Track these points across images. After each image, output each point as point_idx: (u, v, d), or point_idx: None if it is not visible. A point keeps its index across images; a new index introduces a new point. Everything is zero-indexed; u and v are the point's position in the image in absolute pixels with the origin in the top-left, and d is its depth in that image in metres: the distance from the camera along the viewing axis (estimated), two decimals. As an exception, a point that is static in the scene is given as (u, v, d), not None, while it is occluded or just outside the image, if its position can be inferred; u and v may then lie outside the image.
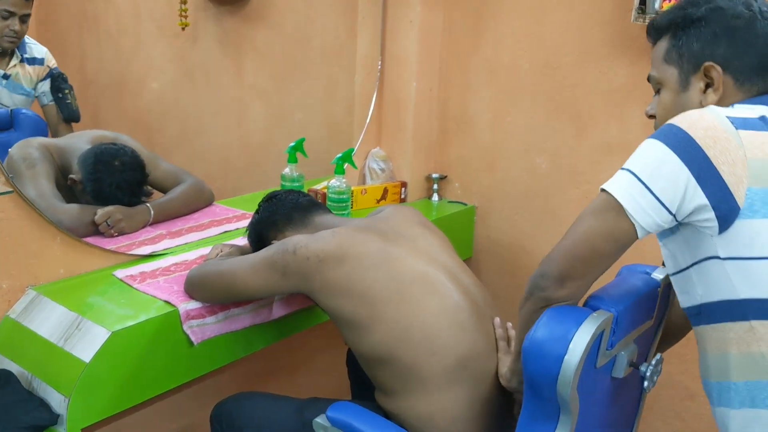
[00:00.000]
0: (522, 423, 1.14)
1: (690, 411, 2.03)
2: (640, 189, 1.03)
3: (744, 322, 1.04)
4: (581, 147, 2.08)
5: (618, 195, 1.04)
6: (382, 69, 2.29)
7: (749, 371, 1.04)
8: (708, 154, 1.00)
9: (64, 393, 1.31)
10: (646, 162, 1.04)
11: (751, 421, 1.06)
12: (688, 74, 1.13)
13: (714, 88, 1.11)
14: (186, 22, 2.78)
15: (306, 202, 1.65)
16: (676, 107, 1.14)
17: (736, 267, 1.03)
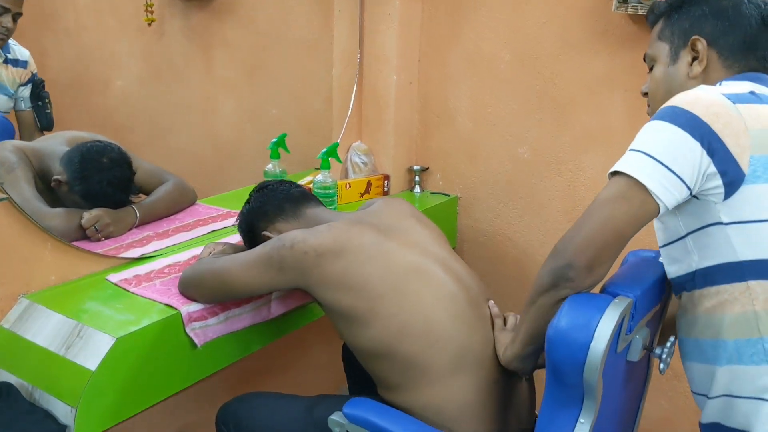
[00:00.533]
0: (545, 410, 1.15)
1: (676, 390, 2.09)
2: (662, 169, 1.06)
3: (741, 282, 1.10)
4: (563, 136, 2.11)
5: (642, 177, 1.06)
6: (361, 62, 2.28)
7: (741, 330, 1.11)
8: (714, 129, 1.07)
9: (70, 403, 1.28)
10: (661, 143, 1.08)
11: (738, 376, 1.12)
12: (678, 49, 1.24)
13: (699, 60, 1.21)
14: (152, 17, 2.71)
15: (298, 193, 1.64)
16: (666, 79, 1.25)
17: (738, 230, 1.09)
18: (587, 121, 2.06)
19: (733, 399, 1.14)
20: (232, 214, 2.07)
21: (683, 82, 1.22)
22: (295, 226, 1.54)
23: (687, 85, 1.21)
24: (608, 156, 2.03)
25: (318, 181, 2.05)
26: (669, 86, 1.24)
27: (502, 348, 1.36)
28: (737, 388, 1.13)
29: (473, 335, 1.38)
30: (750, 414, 1.11)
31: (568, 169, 2.12)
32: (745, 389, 1.12)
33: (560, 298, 1.12)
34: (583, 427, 1.12)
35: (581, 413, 1.12)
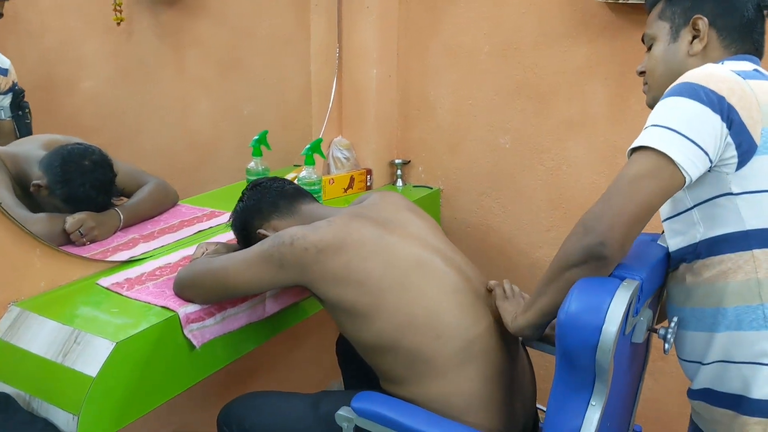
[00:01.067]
0: (556, 395, 1.16)
1: (662, 371, 2.13)
2: (687, 143, 1.08)
3: (746, 251, 1.14)
4: (544, 125, 2.13)
5: (670, 152, 1.07)
6: (340, 57, 2.27)
7: (743, 297, 1.15)
8: (730, 102, 1.10)
9: (72, 411, 1.25)
10: (683, 117, 1.10)
11: (735, 342, 1.16)
12: (678, 27, 1.27)
13: (700, 38, 1.24)
14: (121, 16, 2.65)
15: (292, 189, 1.62)
16: (666, 57, 1.28)
17: (747, 200, 1.13)
18: (568, 110, 2.08)
19: (728, 364, 1.17)
20: (217, 213, 2.05)
21: (683, 59, 1.26)
22: (290, 223, 1.53)
23: (687, 62, 1.25)
24: (589, 144, 2.06)
25: (303, 177, 2.04)
26: (669, 63, 1.27)
27: (510, 316, 1.34)
28: (734, 354, 1.16)
29: (478, 325, 1.38)
30: (746, 378, 1.15)
31: (550, 158, 2.14)
32: (743, 354, 1.15)
33: (589, 275, 1.12)
34: (595, 409, 1.13)
35: (592, 396, 1.13)
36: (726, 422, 1.19)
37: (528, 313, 1.29)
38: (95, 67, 2.88)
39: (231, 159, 2.68)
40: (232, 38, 2.65)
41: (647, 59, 1.33)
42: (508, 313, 1.36)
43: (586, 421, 1.12)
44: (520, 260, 2.26)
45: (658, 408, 2.15)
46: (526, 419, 1.43)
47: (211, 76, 2.73)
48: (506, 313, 1.37)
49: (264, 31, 2.60)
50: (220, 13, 2.65)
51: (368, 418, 1.28)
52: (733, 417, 1.18)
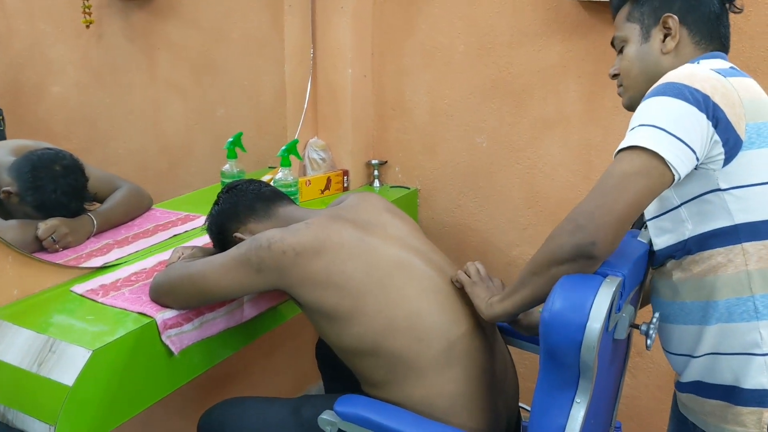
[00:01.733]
0: (540, 393, 1.16)
1: (639, 367, 2.15)
2: (675, 141, 1.09)
3: (736, 245, 1.16)
4: (520, 124, 2.13)
5: (660, 150, 1.08)
6: (315, 57, 2.26)
7: (733, 290, 1.17)
8: (715, 100, 1.12)
9: (48, 421, 1.23)
10: (670, 116, 1.11)
11: (727, 334, 1.18)
12: (649, 27, 1.29)
13: (672, 36, 1.26)
14: (90, 19, 2.61)
15: (269, 192, 1.60)
16: (640, 57, 1.30)
17: (735, 195, 1.15)
18: (543, 108, 2.09)
19: (720, 356, 1.19)
20: (192, 217, 2.02)
21: (657, 58, 1.27)
22: (268, 226, 1.50)
23: (661, 60, 1.27)
24: (564, 142, 2.07)
25: (279, 179, 2.01)
26: (643, 63, 1.29)
27: (484, 302, 1.33)
28: (726, 346, 1.18)
29: (460, 326, 1.37)
30: (738, 369, 1.17)
31: (526, 157, 2.15)
32: (734, 345, 1.17)
33: (577, 272, 1.13)
34: (580, 407, 1.13)
35: (577, 393, 1.13)
36: (718, 413, 1.21)
37: (506, 302, 1.28)
38: (65, 71, 2.83)
39: (205, 162, 2.65)
40: (205, 40, 2.62)
41: (619, 61, 1.34)
42: (481, 299, 1.35)
43: (570, 419, 1.12)
44: (497, 259, 2.27)
45: (636, 404, 2.17)
46: (509, 418, 1.43)
47: (184, 78, 2.70)
48: (478, 299, 1.35)
49: (237, 33, 2.57)
50: (192, 14, 2.62)
51: (352, 421, 1.27)
52: (726, 407, 1.19)
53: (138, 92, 2.79)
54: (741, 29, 1.76)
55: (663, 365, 2.10)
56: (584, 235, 1.10)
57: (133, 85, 2.78)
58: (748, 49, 1.77)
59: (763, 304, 1.15)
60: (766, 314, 1.15)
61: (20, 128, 2.85)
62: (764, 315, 1.15)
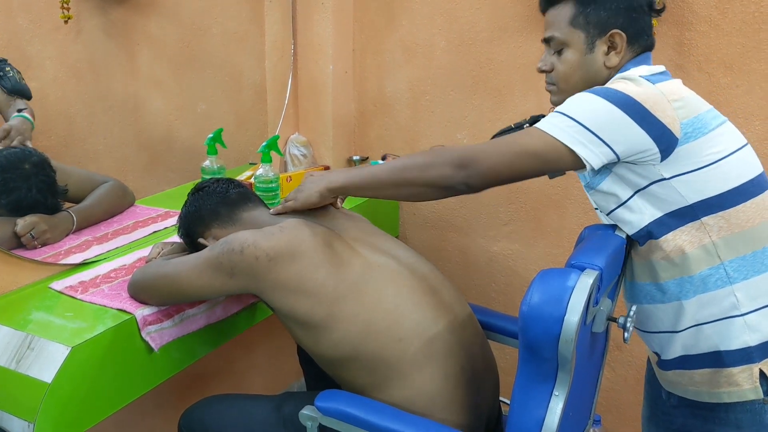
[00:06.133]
0: (519, 387, 1.17)
1: (618, 360, 2.17)
2: (590, 136, 1.20)
3: (695, 221, 1.24)
4: (501, 120, 2.14)
5: (569, 142, 1.20)
6: (295, 53, 2.25)
7: (704, 262, 1.24)
8: (646, 107, 1.20)
9: (27, 418, 1.22)
10: (593, 114, 1.21)
11: (705, 304, 1.26)
12: (594, 38, 1.31)
13: (617, 51, 1.30)
14: (68, 14, 2.58)
15: (235, 194, 1.54)
16: (582, 66, 1.33)
17: (681, 181, 1.23)
18: (523, 104, 2.10)
19: (702, 326, 1.26)
20: (172, 213, 2.01)
21: (599, 70, 1.32)
22: (231, 232, 1.44)
23: (602, 72, 1.32)
24: (545, 137, 2.08)
25: (259, 176, 2.01)
26: (585, 73, 1.33)
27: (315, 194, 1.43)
28: (706, 315, 1.26)
29: (438, 323, 1.36)
30: (721, 333, 1.24)
31: (506, 152, 2.16)
32: (714, 313, 1.25)
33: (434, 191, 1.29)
34: (558, 399, 1.14)
35: (555, 386, 1.14)
36: (709, 380, 1.27)
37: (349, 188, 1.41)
38: (43, 67, 2.80)
39: (185, 158, 2.64)
40: (185, 35, 2.61)
41: (552, 59, 1.36)
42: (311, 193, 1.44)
43: (549, 411, 1.14)
44: (478, 254, 2.28)
45: (615, 397, 2.19)
46: (489, 412, 1.44)
47: (164, 74, 2.69)
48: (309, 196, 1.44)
49: (217, 28, 2.56)
50: (171, 9, 2.60)
51: (332, 416, 1.27)
52: (716, 373, 1.25)
53: (117, 88, 2.77)
54: (718, 26, 1.78)
55: (642, 359, 2.12)
56: (465, 174, 1.25)
57: (112, 80, 2.76)
58: (725, 46, 1.78)
59: (732, 268, 1.23)
60: (737, 277, 1.23)
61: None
62: (736, 278, 1.23)
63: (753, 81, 1.77)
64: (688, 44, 1.83)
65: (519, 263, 2.22)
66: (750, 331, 1.23)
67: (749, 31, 1.76)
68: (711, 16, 1.79)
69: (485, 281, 2.30)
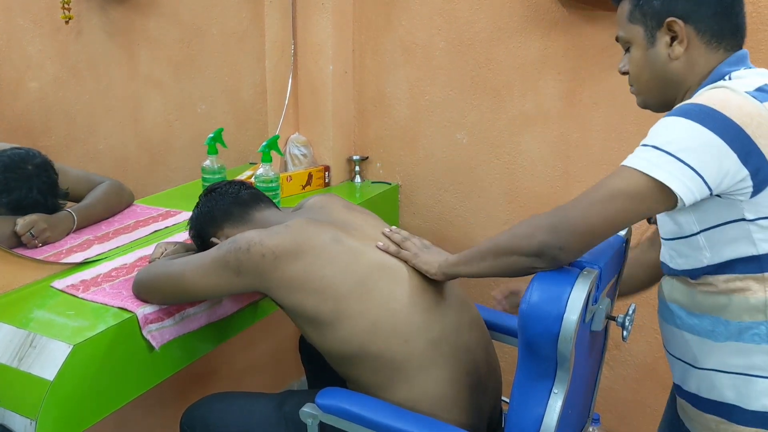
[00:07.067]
0: (519, 385, 1.18)
1: (617, 359, 2.18)
2: (685, 169, 1.05)
3: (757, 273, 1.12)
4: (500, 120, 2.15)
5: (663, 178, 1.05)
6: (295, 53, 2.26)
7: (747, 313, 1.14)
8: (747, 132, 1.05)
9: (29, 416, 1.22)
10: (685, 143, 1.06)
11: (734, 352, 1.16)
12: (653, 30, 1.20)
13: (679, 40, 1.18)
14: (69, 14, 2.59)
15: (247, 195, 1.57)
16: (647, 63, 1.22)
17: (761, 226, 1.10)
18: (522, 104, 2.11)
19: (722, 374, 1.18)
20: (172, 213, 2.02)
21: (665, 64, 1.20)
22: (243, 231, 1.45)
23: (670, 66, 1.19)
24: (543, 138, 2.09)
25: (260, 175, 2.01)
26: (652, 69, 1.21)
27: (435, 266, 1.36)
28: (730, 365, 1.17)
29: (445, 325, 1.37)
30: (740, 388, 1.16)
31: (505, 152, 2.17)
32: (739, 365, 1.16)
33: (534, 269, 1.16)
34: (557, 397, 1.15)
35: (554, 384, 1.15)
36: (715, 428, 1.21)
37: (461, 267, 1.32)
38: (43, 67, 2.81)
39: (186, 158, 2.65)
40: (185, 35, 2.62)
41: (627, 62, 1.26)
42: (431, 264, 1.37)
43: (548, 409, 1.15)
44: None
45: (614, 396, 2.20)
46: (491, 412, 1.44)
47: (164, 74, 2.69)
48: (428, 266, 1.37)
49: (217, 28, 2.57)
50: (171, 9, 2.61)
51: (333, 413, 1.28)
52: (725, 424, 1.19)
53: (118, 88, 2.78)
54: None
55: (641, 358, 2.13)
56: (556, 239, 1.11)
57: (112, 80, 2.77)
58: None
59: None
60: None
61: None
62: None
63: (751, 81, 1.78)
64: (686, 44, 1.83)
65: (518, 263, 2.23)
66: None
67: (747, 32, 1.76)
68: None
69: (485, 280, 2.30)
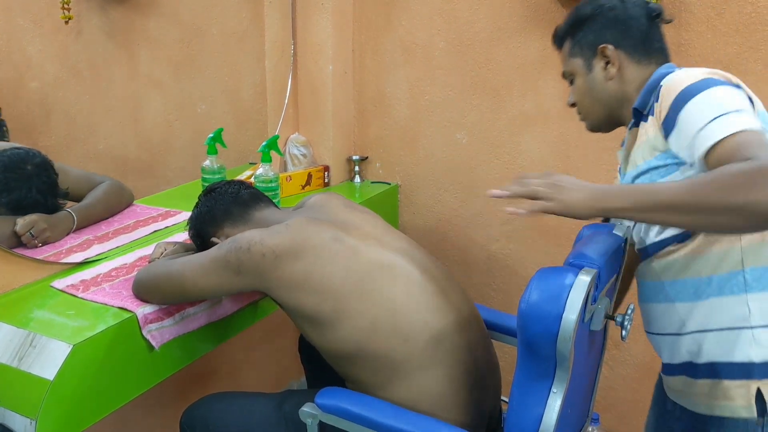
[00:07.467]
0: (518, 384, 1.18)
1: (617, 359, 2.18)
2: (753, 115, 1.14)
3: None
4: (499, 120, 2.15)
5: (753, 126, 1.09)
6: (295, 53, 2.26)
7: (725, 265, 1.19)
8: (734, 82, 1.22)
9: (29, 416, 1.22)
10: (735, 99, 1.14)
11: (716, 309, 1.21)
12: (590, 59, 1.37)
13: (612, 63, 1.34)
14: (69, 14, 2.59)
15: (247, 195, 1.57)
16: (589, 87, 1.38)
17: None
18: (521, 104, 2.11)
19: (707, 333, 1.23)
20: (172, 213, 2.02)
21: (603, 84, 1.36)
22: (243, 231, 1.46)
23: (607, 86, 1.35)
24: (543, 138, 2.09)
25: (259, 175, 2.02)
26: (593, 92, 1.37)
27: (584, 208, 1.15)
28: (714, 321, 1.21)
29: (445, 324, 1.36)
30: (727, 343, 1.20)
31: (505, 152, 2.17)
32: (722, 321, 1.21)
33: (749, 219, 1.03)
34: (556, 396, 1.15)
35: (553, 383, 1.15)
36: (707, 392, 1.24)
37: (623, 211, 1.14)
38: (43, 67, 2.81)
39: (185, 158, 2.65)
40: (185, 35, 2.62)
41: (573, 92, 1.42)
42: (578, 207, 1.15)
43: (548, 408, 1.15)
44: (477, 253, 2.29)
45: (613, 396, 2.20)
46: (491, 411, 1.44)
47: (164, 74, 2.70)
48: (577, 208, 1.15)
49: (217, 28, 2.57)
50: (171, 10, 2.62)
51: (333, 413, 1.28)
52: (714, 384, 1.22)
53: (118, 88, 2.78)
54: (715, 26, 1.79)
55: (640, 357, 2.13)
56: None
57: (112, 80, 2.77)
58: (722, 46, 1.80)
59: (752, 276, 1.18)
60: (755, 286, 1.18)
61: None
62: (753, 287, 1.18)
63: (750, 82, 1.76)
64: (685, 45, 1.84)
65: (518, 262, 2.23)
66: (757, 345, 1.17)
67: (746, 32, 1.77)
68: (708, 16, 1.80)
69: (484, 280, 2.31)
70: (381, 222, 1.55)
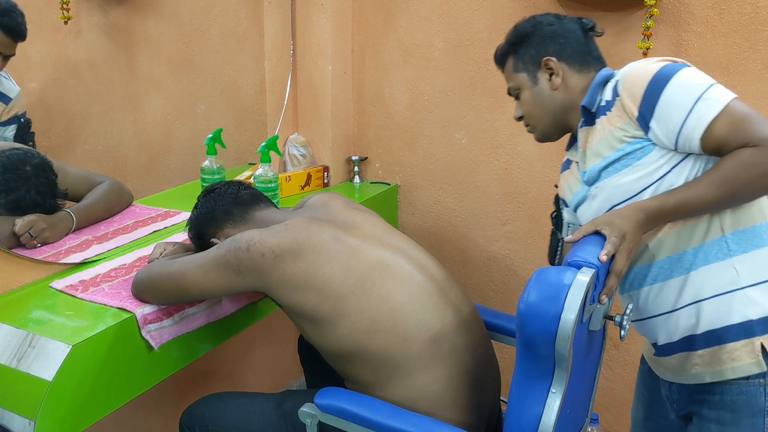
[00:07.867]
0: (517, 384, 1.18)
1: (616, 359, 2.18)
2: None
3: None
4: (498, 120, 2.15)
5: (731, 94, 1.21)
6: (294, 54, 2.26)
7: (710, 233, 1.26)
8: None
9: (28, 416, 1.23)
10: (703, 76, 1.24)
11: (705, 277, 1.26)
12: (534, 73, 1.43)
13: (555, 73, 1.40)
14: (68, 15, 2.59)
15: (247, 195, 1.58)
16: (536, 99, 1.44)
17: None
18: (521, 104, 2.11)
19: (701, 303, 1.26)
20: (171, 213, 2.02)
21: (550, 95, 1.41)
22: (243, 231, 1.46)
23: (554, 95, 1.41)
24: (543, 138, 2.09)
25: (259, 175, 2.02)
26: (540, 103, 1.43)
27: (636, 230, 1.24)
28: (706, 289, 1.26)
29: (444, 324, 1.37)
30: (721, 309, 1.24)
31: (504, 153, 2.17)
32: (713, 287, 1.25)
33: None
34: (555, 396, 1.15)
35: (552, 384, 1.15)
36: (709, 360, 1.26)
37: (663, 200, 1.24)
38: (43, 67, 2.80)
39: (185, 158, 2.65)
40: (184, 35, 2.62)
41: (520, 106, 1.47)
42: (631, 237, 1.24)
43: (546, 408, 1.15)
44: (476, 254, 2.29)
45: (612, 396, 2.20)
46: (490, 411, 1.44)
47: (163, 74, 2.69)
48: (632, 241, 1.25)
49: (216, 29, 2.57)
50: (171, 10, 2.61)
51: (332, 413, 1.28)
52: (718, 350, 1.25)
53: (117, 88, 2.77)
54: (714, 26, 1.79)
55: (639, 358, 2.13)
56: None
57: (112, 81, 2.77)
58: (721, 46, 1.80)
59: (733, 240, 1.24)
60: (737, 250, 1.24)
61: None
62: (735, 251, 1.24)
63: (749, 82, 1.78)
64: (684, 45, 1.84)
65: (517, 262, 2.24)
66: (751, 304, 1.23)
67: (745, 32, 1.77)
68: (707, 16, 1.80)
69: (483, 280, 2.31)
70: (381, 222, 1.55)
